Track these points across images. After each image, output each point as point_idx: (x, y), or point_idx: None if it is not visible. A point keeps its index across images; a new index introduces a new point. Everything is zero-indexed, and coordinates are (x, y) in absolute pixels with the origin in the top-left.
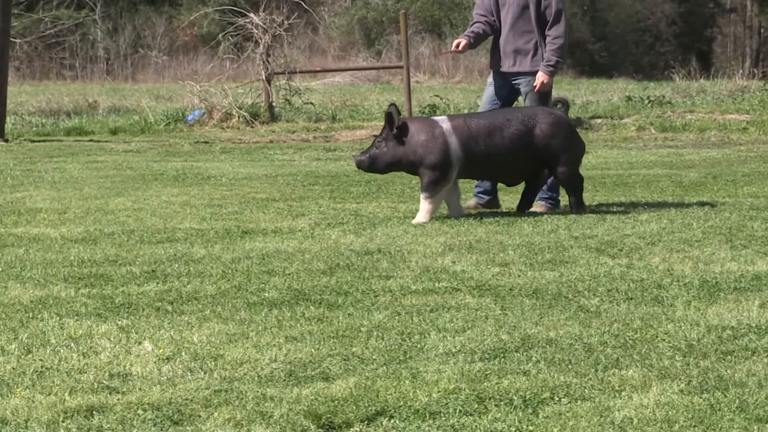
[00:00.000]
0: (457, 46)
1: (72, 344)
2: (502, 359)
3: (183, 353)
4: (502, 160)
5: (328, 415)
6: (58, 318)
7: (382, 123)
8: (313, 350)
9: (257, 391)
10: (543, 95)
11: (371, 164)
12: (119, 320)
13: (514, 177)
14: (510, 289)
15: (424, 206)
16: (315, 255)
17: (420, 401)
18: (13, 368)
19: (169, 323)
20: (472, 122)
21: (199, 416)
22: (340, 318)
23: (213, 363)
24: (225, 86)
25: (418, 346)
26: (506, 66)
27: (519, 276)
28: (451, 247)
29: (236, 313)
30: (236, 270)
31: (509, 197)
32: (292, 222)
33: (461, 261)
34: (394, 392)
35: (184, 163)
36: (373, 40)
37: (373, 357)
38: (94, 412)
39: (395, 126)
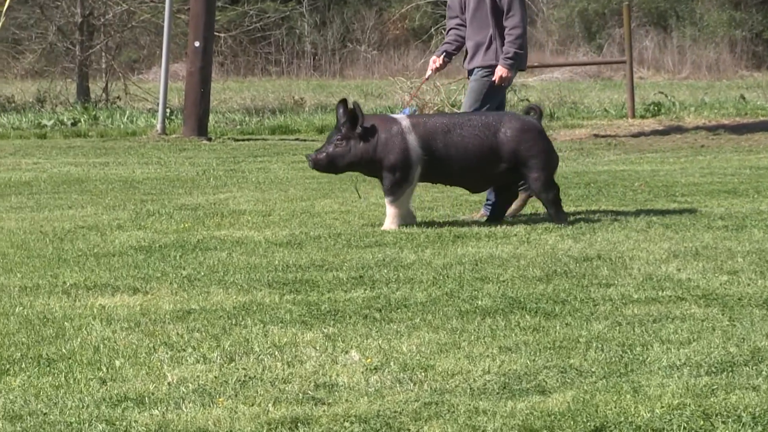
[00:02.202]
0: (435, 69)
1: (276, 352)
2: (730, 373)
3: (391, 363)
4: (463, 163)
5: (544, 431)
6: (261, 325)
7: (603, 122)
8: (528, 362)
9: (469, 404)
10: (478, 94)
11: (329, 164)
12: (325, 328)
13: (479, 185)
14: (739, 299)
15: (390, 211)
16: (531, 261)
17: (642, 417)
18: (216, 377)
19: (377, 331)
20: (429, 122)
21: (408, 430)
22: (557, 328)
23: (423, 374)
24: (437, 82)
25: (640, 358)
26: (467, 62)
27: (749, 285)
28: (675, 253)
29: (447, 321)
30: (448, 276)
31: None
32: (507, 226)
33: (687, 268)
34: (614, 407)
35: None
36: (594, 34)
37: (592, 369)
38: (299, 424)
39: (359, 125)
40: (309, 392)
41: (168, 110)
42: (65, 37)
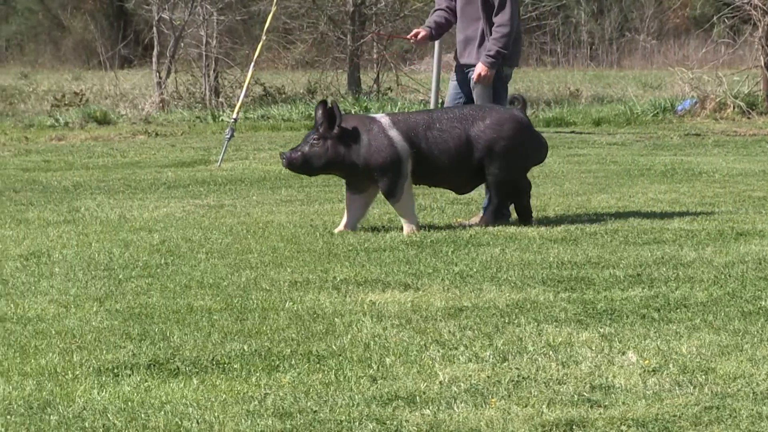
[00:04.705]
0: (415, 36)
1: (550, 352)
2: None
3: (670, 365)
4: (444, 161)
5: None
6: (535, 323)
7: None
8: None
9: (752, 409)
10: (490, 90)
11: (304, 164)
12: (601, 328)
13: (462, 183)
14: None
15: (399, 212)
16: None
17: None
18: (488, 377)
19: (655, 332)
20: (410, 118)
21: None
22: None
23: (703, 377)
24: (719, 73)
25: None
26: (459, 56)
27: None
28: None
29: (729, 322)
30: (729, 275)
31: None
32: None
33: None
34: None
35: (673, 157)
36: None
37: None
38: (573, 427)
39: (337, 125)
40: (584, 394)
41: (441, 102)
42: (336, 27)
